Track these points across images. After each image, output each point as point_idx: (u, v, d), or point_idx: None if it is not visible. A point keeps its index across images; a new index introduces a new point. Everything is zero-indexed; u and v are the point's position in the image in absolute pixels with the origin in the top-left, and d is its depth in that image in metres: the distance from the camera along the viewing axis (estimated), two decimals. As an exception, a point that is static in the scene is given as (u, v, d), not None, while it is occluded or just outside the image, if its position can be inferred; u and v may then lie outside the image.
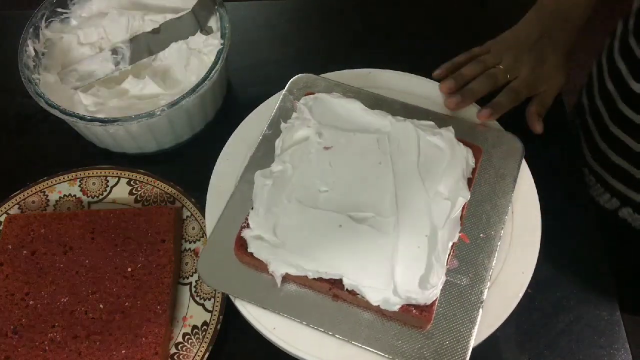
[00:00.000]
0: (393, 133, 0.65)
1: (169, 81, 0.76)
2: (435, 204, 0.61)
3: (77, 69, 0.75)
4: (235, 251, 0.61)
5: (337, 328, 0.58)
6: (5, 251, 0.67)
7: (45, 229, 0.68)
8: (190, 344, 0.63)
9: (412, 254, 0.58)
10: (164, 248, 0.67)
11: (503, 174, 0.66)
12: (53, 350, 0.62)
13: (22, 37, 0.74)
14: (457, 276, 0.60)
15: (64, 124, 0.73)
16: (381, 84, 0.73)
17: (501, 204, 0.64)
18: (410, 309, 0.57)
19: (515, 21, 0.79)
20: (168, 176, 0.73)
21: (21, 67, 0.72)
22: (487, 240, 0.62)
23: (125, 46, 0.76)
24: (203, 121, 0.78)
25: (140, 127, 0.71)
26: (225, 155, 0.70)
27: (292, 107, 0.70)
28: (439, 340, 0.57)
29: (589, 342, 0.65)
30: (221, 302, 0.64)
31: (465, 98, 0.71)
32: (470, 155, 0.65)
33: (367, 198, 0.61)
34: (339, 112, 0.68)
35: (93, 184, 0.73)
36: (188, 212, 0.71)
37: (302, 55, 0.87)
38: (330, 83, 0.72)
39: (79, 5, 0.80)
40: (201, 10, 0.76)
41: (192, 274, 0.68)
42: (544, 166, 0.68)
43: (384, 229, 0.59)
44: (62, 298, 0.64)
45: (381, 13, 0.91)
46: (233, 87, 0.84)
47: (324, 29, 0.91)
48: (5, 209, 0.71)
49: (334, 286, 0.58)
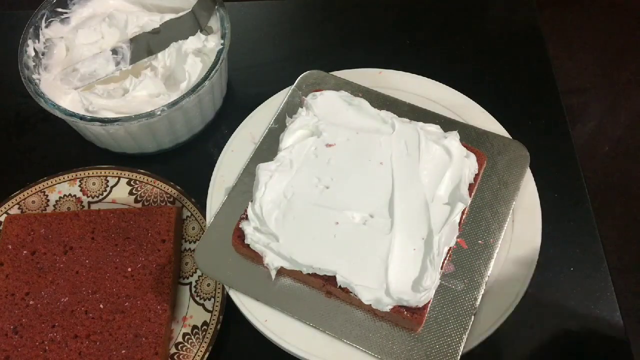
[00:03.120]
0: (397, 135, 0.65)
1: (168, 81, 0.76)
2: (434, 207, 0.61)
3: (77, 69, 0.75)
4: (233, 242, 0.62)
5: (328, 324, 0.58)
6: (6, 251, 0.67)
7: (45, 229, 0.68)
8: (190, 344, 0.63)
9: (407, 255, 0.58)
10: (164, 248, 0.67)
11: (506, 181, 0.65)
12: (53, 350, 0.62)
13: (22, 37, 0.75)
14: (452, 281, 0.60)
15: (64, 124, 0.73)
16: (391, 85, 0.73)
17: (502, 211, 0.64)
18: (402, 311, 0.57)
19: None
20: (168, 176, 0.73)
21: (21, 67, 0.72)
22: (485, 247, 0.62)
23: (125, 46, 0.76)
24: (203, 121, 0.78)
25: (140, 127, 0.71)
26: (231, 147, 0.70)
27: (300, 102, 0.70)
28: (428, 343, 0.57)
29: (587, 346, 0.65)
30: (221, 302, 0.65)
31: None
32: (474, 161, 0.65)
33: (366, 197, 0.62)
34: (344, 111, 0.68)
35: (93, 184, 0.73)
36: (188, 212, 0.71)
37: (302, 55, 0.87)
38: (339, 81, 0.72)
39: (79, 5, 0.80)
40: (201, 10, 0.76)
41: (192, 274, 0.68)
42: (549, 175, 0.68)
43: (381, 229, 0.60)
44: (62, 298, 0.64)
45: (381, 14, 0.92)
46: (233, 87, 0.84)
47: (324, 29, 0.91)
48: (5, 209, 0.71)
49: (328, 283, 0.58)
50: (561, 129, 0.78)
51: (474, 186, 0.65)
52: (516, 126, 0.70)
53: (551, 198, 0.69)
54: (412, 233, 0.59)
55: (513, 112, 0.74)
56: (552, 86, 0.82)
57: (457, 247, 0.62)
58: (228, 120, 0.78)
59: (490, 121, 0.71)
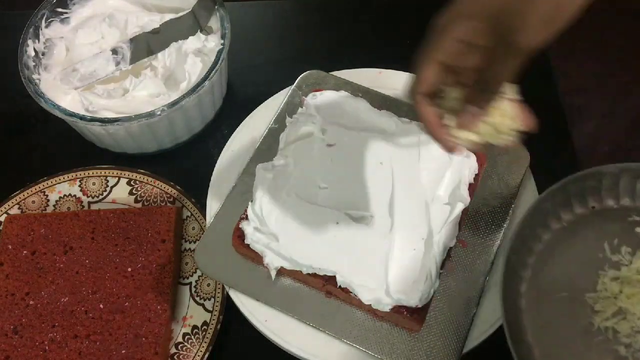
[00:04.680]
0: (397, 134, 0.65)
1: (168, 81, 0.76)
2: (434, 207, 0.61)
3: (77, 69, 0.74)
4: (233, 242, 0.62)
5: (329, 325, 0.58)
6: (6, 251, 0.67)
7: (45, 229, 0.68)
8: (190, 344, 0.63)
9: (407, 255, 0.58)
10: (164, 248, 0.67)
11: (506, 181, 0.65)
12: (53, 350, 0.62)
13: (22, 37, 0.74)
14: (452, 281, 0.60)
15: (64, 124, 0.73)
16: (391, 85, 0.73)
17: (502, 211, 0.64)
18: (402, 311, 0.57)
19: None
20: (168, 176, 0.73)
21: (21, 67, 0.72)
22: (484, 247, 0.62)
23: (125, 46, 0.75)
24: (203, 121, 0.78)
25: (140, 127, 0.71)
26: (231, 146, 0.70)
27: (300, 102, 0.70)
28: (429, 343, 0.57)
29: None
30: (221, 302, 0.65)
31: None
32: (474, 161, 0.65)
33: (366, 197, 0.61)
34: (344, 111, 0.68)
35: (93, 184, 0.73)
36: (188, 212, 0.71)
37: (302, 55, 0.87)
38: (339, 81, 0.72)
39: (79, 5, 0.80)
40: (201, 10, 0.76)
41: (192, 274, 0.68)
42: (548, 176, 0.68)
43: (381, 229, 0.60)
44: (62, 298, 0.64)
45: (382, 14, 0.91)
46: (233, 87, 0.84)
47: (324, 29, 0.91)
48: (5, 209, 0.71)
49: (328, 283, 0.58)
50: (561, 129, 0.78)
51: (474, 186, 0.65)
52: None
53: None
54: (412, 233, 0.59)
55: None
56: (552, 86, 0.82)
57: (457, 247, 0.62)
58: (228, 120, 0.78)
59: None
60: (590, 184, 0.63)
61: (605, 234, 0.63)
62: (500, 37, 0.40)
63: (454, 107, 0.44)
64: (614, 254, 0.62)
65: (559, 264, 0.62)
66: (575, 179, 0.62)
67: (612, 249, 0.62)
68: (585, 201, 0.64)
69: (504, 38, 0.40)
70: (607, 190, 0.63)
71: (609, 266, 0.61)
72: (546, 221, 0.63)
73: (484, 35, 0.41)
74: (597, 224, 0.64)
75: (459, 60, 0.42)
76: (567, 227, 0.63)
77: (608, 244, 0.62)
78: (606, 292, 0.59)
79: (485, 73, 0.43)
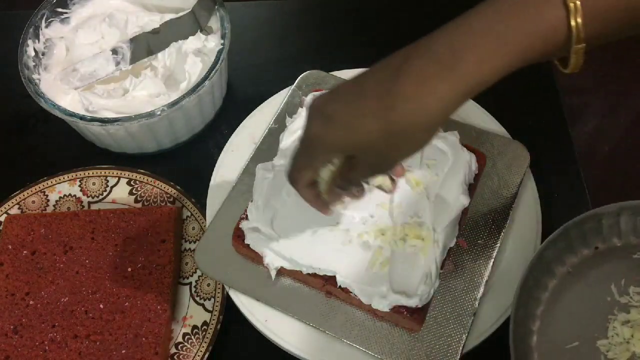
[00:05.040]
0: None
1: (168, 81, 0.76)
2: (434, 207, 0.61)
3: (77, 69, 0.75)
4: (233, 242, 0.62)
5: (328, 324, 0.58)
6: (6, 251, 0.67)
7: (45, 229, 0.68)
8: (190, 344, 0.63)
9: (407, 255, 0.58)
10: (164, 248, 0.67)
11: (506, 181, 0.65)
12: (53, 350, 0.62)
13: (22, 37, 0.74)
14: (452, 281, 0.60)
15: (64, 124, 0.73)
16: None
17: (502, 211, 0.64)
18: (402, 311, 0.57)
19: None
20: (168, 176, 0.73)
21: (21, 67, 0.72)
22: (485, 247, 0.62)
23: (125, 46, 0.76)
24: (203, 121, 0.78)
25: (140, 127, 0.71)
26: (231, 146, 0.70)
27: (300, 102, 0.70)
28: (429, 343, 0.57)
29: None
30: (221, 302, 0.65)
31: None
32: (474, 161, 0.65)
33: (366, 197, 0.61)
34: None
35: (93, 184, 0.73)
36: (188, 212, 0.71)
37: (302, 55, 0.87)
38: (339, 81, 0.72)
39: (79, 5, 0.80)
40: (201, 10, 0.76)
41: (192, 274, 0.68)
42: (549, 175, 0.68)
43: (381, 229, 0.60)
44: (62, 298, 0.64)
45: (382, 14, 0.91)
46: (233, 87, 0.84)
47: (324, 29, 0.91)
48: (5, 209, 0.71)
49: (328, 283, 0.58)
50: (561, 129, 0.78)
51: (474, 186, 0.65)
52: (516, 126, 0.70)
53: (551, 198, 0.68)
54: (412, 233, 0.59)
55: (513, 112, 0.74)
56: (552, 86, 0.82)
57: (457, 247, 0.62)
58: (228, 120, 0.78)
59: (490, 121, 0.71)
60: (590, 225, 0.61)
61: (612, 275, 0.61)
62: (362, 163, 0.47)
63: (326, 189, 0.50)
64: (622, 295, 0.60)
65: (567, 312, 0.60)
66: (575, 223, 0.60)
67: (620, 290, 0.60)
68: (587, 243, 0.62)
69: (365, 164, 0.47)
70: (609, 229, 0.62)
71: (618, 309, 0.59)
72: (550, 268, 0.61)
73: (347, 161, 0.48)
74: (602, 264, 0.62)
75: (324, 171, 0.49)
76: (572, 272, 0.62)
77: (615, 285, 0.60)
78: (618, 337, 0.58)
79: (347, 175, 0.49)
